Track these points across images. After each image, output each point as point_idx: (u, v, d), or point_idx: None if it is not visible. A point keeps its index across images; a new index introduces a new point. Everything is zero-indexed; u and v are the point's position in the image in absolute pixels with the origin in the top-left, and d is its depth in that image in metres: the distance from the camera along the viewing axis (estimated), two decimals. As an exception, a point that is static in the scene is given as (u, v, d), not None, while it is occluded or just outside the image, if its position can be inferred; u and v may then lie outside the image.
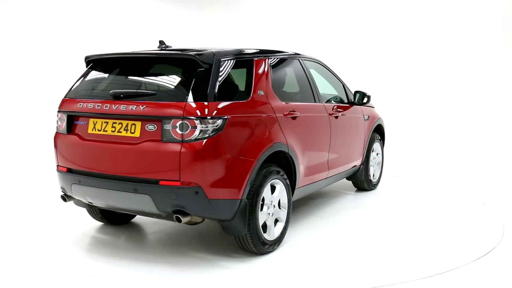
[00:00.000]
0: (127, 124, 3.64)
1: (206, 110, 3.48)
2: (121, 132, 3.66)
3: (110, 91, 3.78)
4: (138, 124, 3.59)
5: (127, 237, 4.54)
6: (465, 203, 5.71)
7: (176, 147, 3.45)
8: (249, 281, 3.59)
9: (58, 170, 4.09)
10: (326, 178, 5.04)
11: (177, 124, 3.45)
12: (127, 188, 3.61)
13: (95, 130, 3.79)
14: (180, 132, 3.45)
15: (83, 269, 3.77)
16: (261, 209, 3.90)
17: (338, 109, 5.23)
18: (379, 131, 6.33)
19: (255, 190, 3.77)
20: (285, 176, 4.14)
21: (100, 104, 3.75)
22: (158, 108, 3.54)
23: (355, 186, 6.20)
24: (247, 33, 11.36)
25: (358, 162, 5.77)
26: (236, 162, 3.65)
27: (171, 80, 3.78)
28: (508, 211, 5.29)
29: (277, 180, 4.05)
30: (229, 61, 3.88)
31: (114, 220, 4.77)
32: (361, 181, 6.01)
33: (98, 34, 10.14)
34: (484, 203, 5.63)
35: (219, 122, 3.53)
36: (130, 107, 3.60)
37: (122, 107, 3.64)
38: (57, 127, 4.12)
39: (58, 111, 4.10)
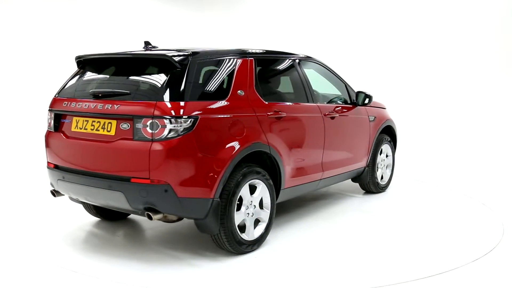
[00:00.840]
0: (104, 122, 3.76)
1: (176, 109, 3.55)
2: (99, 130, 3.79)
3: (90, 91, 3.96)
4: (114, 122, 3.71)
5: (114, 233, 4.62)
6: (465, 203, 5.71)
7: (146, 145, 3.53)
8: (213, 280, 3.59)
9: (47, 166, 4.25)
10: (320, 179, 4.98)
11: (148, 123, 3.53)
12: (103, 184, 3.73)
13: (77, 128, 3.94)
14: (150, 131, 3.53)
15: (68, 264, 3.86)
16: (239, 209, 3.92)
17: (336, 110, 5.17)
18: (389, 133, 6.22)
19: (231, 189, 3.79)
20: (267, 177, 4.14)
21: (81, 103, 3.92)
22: (131, 107, 3.64)
23: (362, 188, 6.09)
24: (248, 33, 11.37)
25: (361, 164, 5.70)
26: (208, 161, 3.68)
27: (147, 80, 3.86)
28: (508, 211, 5.29)
29: (258, 181, 4.06)
30: (207, 61, 3.94)
31: (109, 216, 4.86)
32: (367, 183, 5.92)
33: (99, 34, 10.14)
34: (484, 203, 5.64)
35: (189, 121, 3.57)
36: (106, 106, 3.73)
37: (99, 106, 3.78)
38: (48, 125, 4.28)
39: (48, 110, 4.26)
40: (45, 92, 9.24)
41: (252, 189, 4.06)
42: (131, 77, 3.95)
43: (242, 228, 4.00)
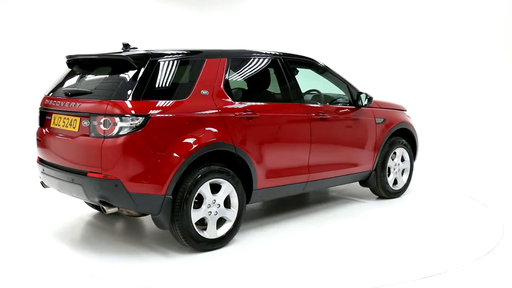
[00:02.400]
0: (71, 119, 4.01)
1: (127, 108, 3.70)
2: (67, 127, 4.04)
3: (63, 90, 4.25)
4: (78, 119, 3.94)
5: (113, 224, 4.79)
6: (465, 203, 5.71)
7: (100, 142, 3.72)
8: (153, 275, 3.66)
9: (36, 159, 4.52)
10: (307, 182, 4.86)
11: (101, 121, 3.72)
12: (67, 177, 3.97)
13: (54, 124, 4.21)
14: (103, 128, 3.72)
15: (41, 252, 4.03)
16: (199, 207, 3.99)
17: (330, 111, 5.04)
18: (407, 136, 5.97)
19: (187, 187, 3.87)
20: (233, 176, 4.16)
21: (57, 101, 4.19)
22: (89, 105, 3.86)
23: (374, 193, 5.84)
24: (248, 33, 11.37)
25: (366, 168, 5.48)
26: (160, 159, 3.78)
27: (108, 80, 4.08)
28: (508, 211, 5.29)
29: (222, 180, 4.09)
30: (169, 62, 4.02)
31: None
32: (375, 188, 5.70)
33: (101, 35, 10.17)
34: (484, 203, 5.64)
35: (140, 119, 3.70)
36: (71, 104, 3.99)
37: (66, 104, 4.05)
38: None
39: (39, 107, 4.53)
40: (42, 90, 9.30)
41: (218, 188, 4.11)
42: (97, 77, 4.24)
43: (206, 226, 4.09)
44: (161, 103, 3.83)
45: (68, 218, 5.03)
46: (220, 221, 4.16)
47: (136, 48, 4.41)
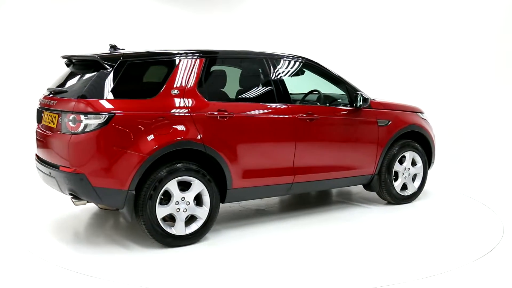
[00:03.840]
0: (52, 116, 4.22)
1: (92, 106, 3.91)
2: (50, 123, 4.26)
3: (47, 89, 4.50)
4: (56, 117, 4.14)
5: (117, 218, 4.75)
6: (465, 203, 5.71)
7: (68, 138, 3.96)
8: (103, 270, 3.73)
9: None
10: (292, 183, 4.77)
11: (70, 118, 3.94)
12: (47, 171, 4.23)
13: (44, 121, 4.42)
14: (71, 125, 3.94)
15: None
16: (167, 203, 4.12)
17: (320, 112, 4.92)
18: (421, 139, 5.69)
19: (152, 184, 4.01)
20: (204, 174, 4.20)
21: (46, 100, 4.40)
22: (61, 104, 4.10)
23: (382, 198, 5.60)
24: (248, 33, 11.36)
25: (366, 171, 5.27)
26: (122, 155, 3.94)
27: (81, 79, 4.24)
28: (508, 211, 5.29)
29: (192, 178, 4.16)
30: (138, 62, 4.22)
31: None
32: (378, 192, 5.48)
33: (101, 35, 10.17)
34: (484, 203, 5.64)
35: (104, 117, 3.89)
36: (51, 102, 4.26)
37: (47, 102, 4.32)
38: None
39: None
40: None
41: (190, 185, 4.19)
42: (76, 76, 4.36)
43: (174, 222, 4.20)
44: (126, 101, 4.01)
45: (67, 214, 5.10)
46: (192, 219, 4.25)
47: (124, 49, 4.49)
